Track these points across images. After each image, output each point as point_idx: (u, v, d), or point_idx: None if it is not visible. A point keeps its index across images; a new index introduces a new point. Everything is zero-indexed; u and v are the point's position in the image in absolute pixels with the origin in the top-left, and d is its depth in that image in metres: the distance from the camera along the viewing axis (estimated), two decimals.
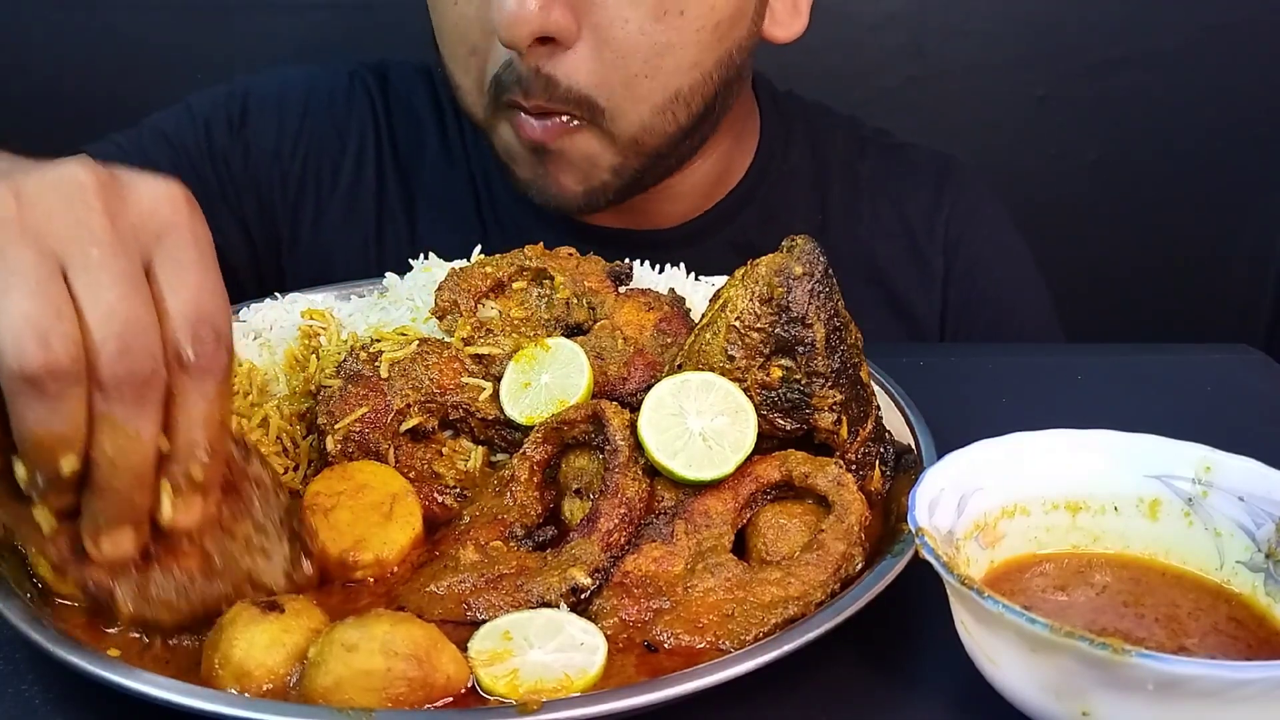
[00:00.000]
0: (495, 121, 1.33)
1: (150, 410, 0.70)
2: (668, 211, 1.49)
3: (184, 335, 0.71)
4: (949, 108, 2.24)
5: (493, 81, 1.28)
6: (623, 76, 1.25)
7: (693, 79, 1.29)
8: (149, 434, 0.71)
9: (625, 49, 1.23)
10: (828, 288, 0.94)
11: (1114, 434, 0.88)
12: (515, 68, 1.24)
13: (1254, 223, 2.35)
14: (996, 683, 0.76)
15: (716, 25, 1.27)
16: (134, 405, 0.69)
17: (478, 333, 1.06)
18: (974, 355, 1.40)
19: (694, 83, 1.29)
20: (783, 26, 1.40)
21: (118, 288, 0.69)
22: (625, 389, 1.02)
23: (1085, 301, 2.19)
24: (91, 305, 0.68)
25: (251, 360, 1.14)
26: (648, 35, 1.23)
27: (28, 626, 0.79)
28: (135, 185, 0.73)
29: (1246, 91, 2.24)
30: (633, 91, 1.26)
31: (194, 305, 0.72)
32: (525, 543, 0.93)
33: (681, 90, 1.29)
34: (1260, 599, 0.82)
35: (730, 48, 1.32)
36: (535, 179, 1.34)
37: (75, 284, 0.68)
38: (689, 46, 1.26)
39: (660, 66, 1.25)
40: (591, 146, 1.29)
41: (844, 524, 0.89)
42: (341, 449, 0.97)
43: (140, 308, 0.69)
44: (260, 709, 0.72)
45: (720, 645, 0.81)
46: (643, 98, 1.27)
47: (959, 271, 1.55)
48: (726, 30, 1.29)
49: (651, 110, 1.28)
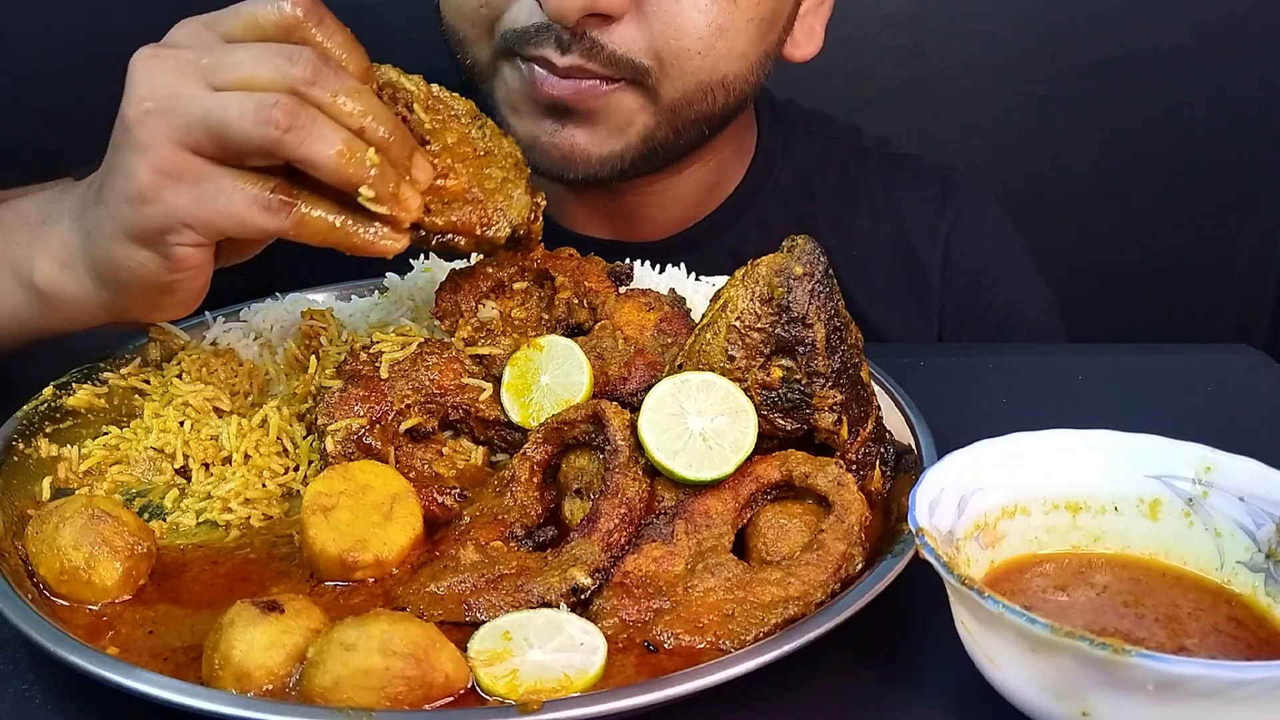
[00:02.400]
0: (498, 67, 1.30)
1: (348, 82, 0.95)
2: (659, 220, 1.48)
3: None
4: (949, 108, 2.24)
5: (506, 34, 1.25)
6: (675, 49, 1.25)
7: (738, 69, 1.30)
8: (365, 100, 0.95)
9: (679, 25, 1.24)
10: (828, 288, 0.94)
11: (1114, 434, 0.88)
12: (551, 27, 1.22)
13: (1255, 223, 2.35)
14: (996, 683, 0.76)
15: (761, 20, 1.29)
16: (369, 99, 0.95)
17: (478, 333, 1.06)
18: (974, 355, 1.40)
19: (739, 73, 1.31)
20: (799, 47, 1.43)
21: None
22: (625, 389, 1.02)
23: (1086, 301, 2.19)
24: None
25: (251, 360, 1.14)
26: (703, 14, 1.24)
27: (28, 626, 0.79)
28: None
29: (1246, 92, 2.24)
30: (683, 64, 1.26)
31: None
32: (525, 543, 0.93)
33: (728, 77, 1.30)
34: (1260, 599, 0.82)
35: (767, 49, 1.34)
36: (540, 135, 1.30)
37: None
38: (740, 34, 1.28)
39: (714, 47, 1.26)
40: (630, 105, 1.28)
41: (844, 524, 0.89)
42: (341, 449, 0.97)
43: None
44: (260, 709, 0.72)
45: (720, 645, 0.81)
46: (691, 72, 1.27)
47: (961, 284, 1.54)
48: (767, 29, 1.31)
49: (698, 87, 1.28)
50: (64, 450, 1.03)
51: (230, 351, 1.14)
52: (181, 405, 1.06)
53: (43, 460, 1.02)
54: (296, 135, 0.91)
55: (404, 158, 0.97)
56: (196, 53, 0.94)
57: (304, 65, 0.92)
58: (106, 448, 1.04)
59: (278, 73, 0.92)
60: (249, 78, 0.92)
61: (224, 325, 1.20)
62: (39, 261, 1.03)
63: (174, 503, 0.99)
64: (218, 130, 0.91)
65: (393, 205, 0.95)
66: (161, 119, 0.92)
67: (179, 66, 0.94)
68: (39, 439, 1.03)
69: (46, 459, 1.02)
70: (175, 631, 0.84)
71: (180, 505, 0.99)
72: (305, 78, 0.92)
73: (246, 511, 0.98)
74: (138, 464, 1.03)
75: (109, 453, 1.03)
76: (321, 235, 0.95)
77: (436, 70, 1.56)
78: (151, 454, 1.03)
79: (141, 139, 0.93)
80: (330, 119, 0.92)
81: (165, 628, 0.84)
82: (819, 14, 1.44)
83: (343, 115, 0.93)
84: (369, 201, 0.94)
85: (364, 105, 0.94)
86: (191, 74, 0.93)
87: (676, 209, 1.48)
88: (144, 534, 0.89)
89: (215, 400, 1.08)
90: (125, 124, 0.94)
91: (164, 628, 0.84)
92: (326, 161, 0.92)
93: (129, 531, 0.88)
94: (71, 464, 1.02)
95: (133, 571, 0.87)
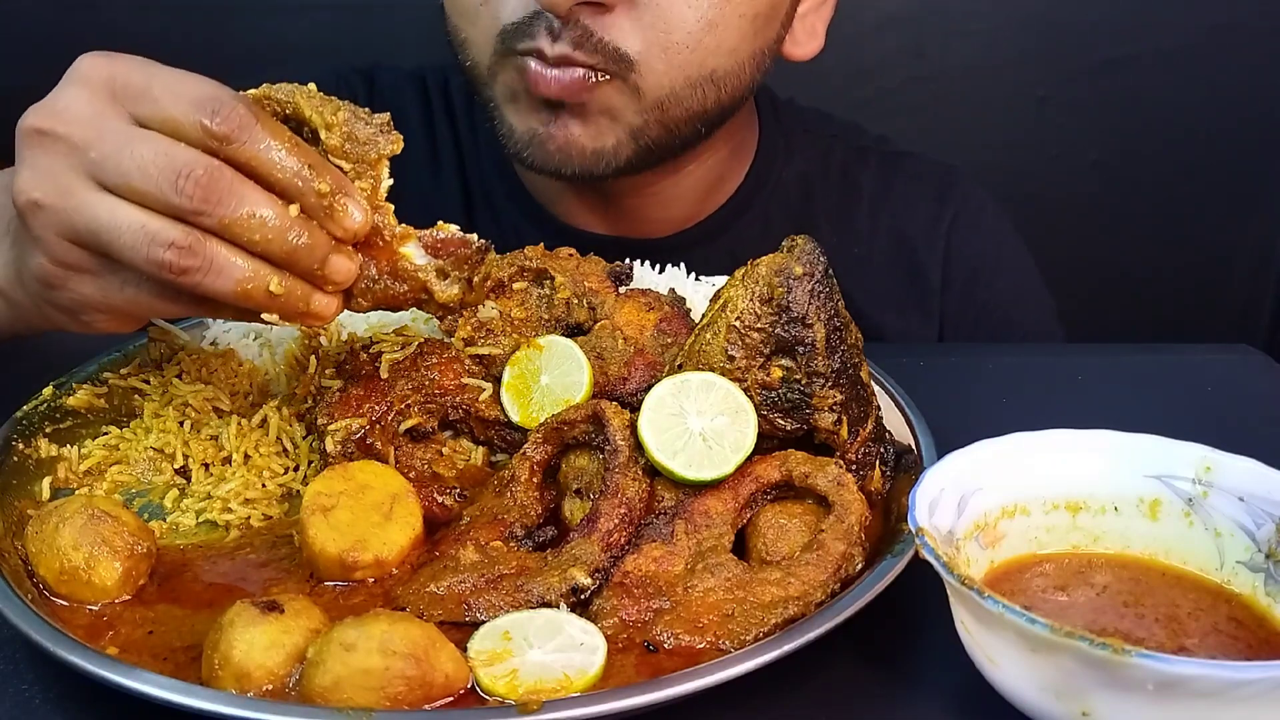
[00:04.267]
0: (499, 68, 1.29)
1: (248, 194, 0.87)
2: (660, 218, 1.48)
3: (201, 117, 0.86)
4: (950, 108, 2.24)
5: (504, 32, 1.25)
6: (664, 42, 1.24)
7: (729, 65, 1.29)
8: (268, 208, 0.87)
9: (670, 17, 1.23)
10: (828, 288, 0.94)
11: (1114, 434, 0.88)
12: (543, 16, 1.21)
13: (1255, 223, 2.35)
14: (996, 683, 0.76)
15: (756, 16, 1.28)
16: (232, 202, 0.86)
17: (478, 333, 1.06)
18: (974, 355, 1.40)
19: (729, 69, 1.30)
20: (800, 46, 1.42)
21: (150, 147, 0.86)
22: (625, 389, 1.02)
23: (1086, 301, 2.19)
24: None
25: (251, 360, 1.14)
26: (694, 8, 1.23)
27: (28, 626, 0.79)
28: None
29: (1247, 91, 2.24)
30: (670, 58, 1.25)
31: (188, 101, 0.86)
32: (525, 543, 0.93)
33: (717, 72, 1.29)
34: (1260, 599, 0.82)
35: (762, 46, 1.33)
36: (537, 127, 1.29)
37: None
38: (731, 29, 1.26)
39: (703, 42, 1.25)
40: (615, 100, 1.27)
41: (844, 524, 0.89)
42: (341, 449, 0.97)
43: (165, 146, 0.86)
44: (260, 709, 0.72)
45: (720, 645, 0.81)
46: (678, 66, 1.26)
47: (959, 283, 1.54)
48: (762, 25, 1.30)
49: (685, 81, 1.27)
50: (64, 450, 1.03)
51: (230, 351, 1.14)
52: (181, 405, 1.06)
53: (43, 460, 1.02)
54: (191, 277, 0.86)
55: (314, 266, 0.90)
56: (88, 137, 0.86)
57: (202, 184, 0.84)
58: (106, 448, 1.04)
59: (170, 196, 0.84)
60: (135, 190, 0.85)
61: (224, 325, 1.20)
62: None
63: (174, 503, 0.99)
64: (109, 246, 0.87)
65: (304, 320, 0.92)
66: (50, 216, 0.87)
67: (65, 155, 0.87)
68: (39, 439, 1.03)
69: (46, 459, 1.02)
70: (175, 631, 0.84)
71: (180, 505, 0.99)
72: (201, 200, 0.85)
73: (246, 511, 0.98)
74: (138, 464, 1.03)
75: (109, 453, 1.03)
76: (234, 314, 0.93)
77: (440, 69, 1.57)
78: (151, 454, 1.03)
79: (35, 231, 0.88)
80: (229, 245, 0.86)
81: (165, 628, 0.84)
82: (820, 13, 1.43)
83: (245, 234, 0.86)
84: (277, 323, 0.91)
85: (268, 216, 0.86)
86: (79, 168, 0.87)
87: (676, 208, 1.48)
88: (144, 534, 0.89)
89: (215, 400, 1.08)
90: (16, 208, 0.89)
91: (164, 628, 0.84)
92: (227, 297, 0.88)
93: (129, 531, 0.88)
94: (71, 464, 1.02)
95: (133, 571, 0.87)
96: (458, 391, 1.02)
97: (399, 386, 1.00)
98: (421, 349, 1.03)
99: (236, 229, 0.86)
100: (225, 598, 0.85)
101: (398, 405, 1.00)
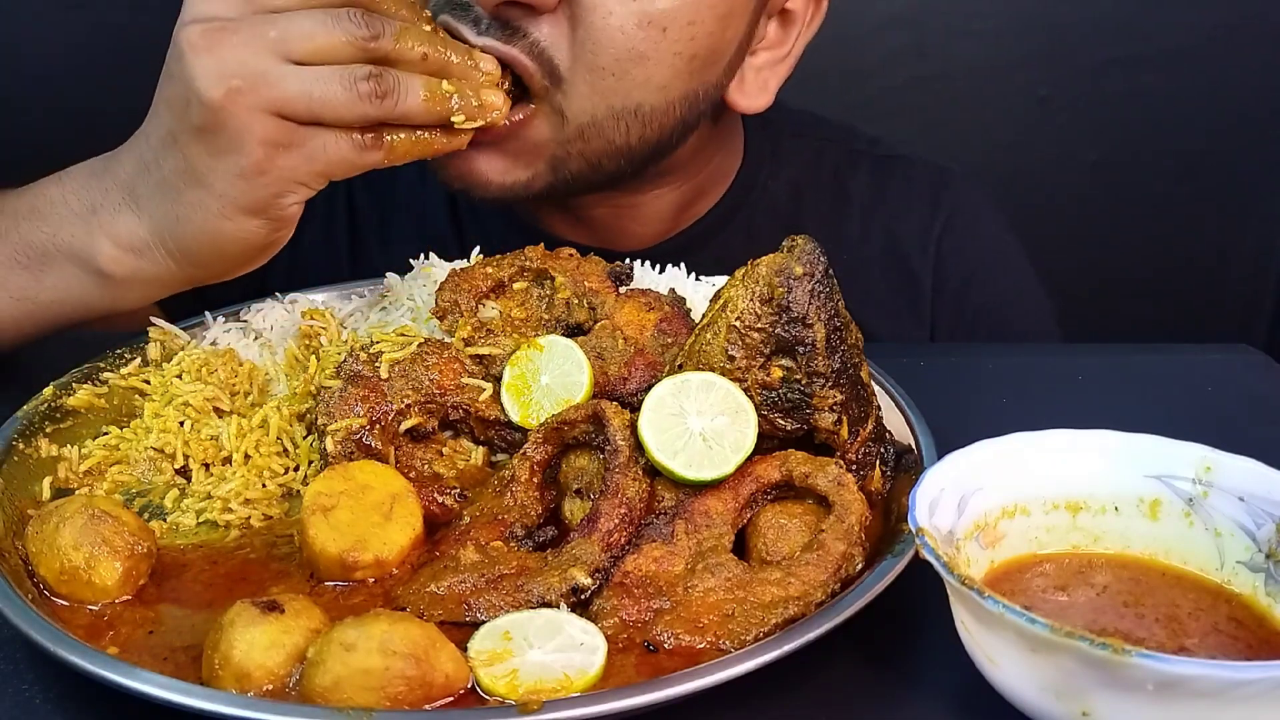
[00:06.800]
0: None
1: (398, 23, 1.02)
2: (635, 233, 1.44)
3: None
4: (950, 108, 2.24)
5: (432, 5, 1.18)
6: (590, 63, 1.18)
7: (656, 101, 1.23)
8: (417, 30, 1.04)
9: (600, 40, 1.17)
10: (828, 288, 0.94)
11: (1114, 434, 0.88)
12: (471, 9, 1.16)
13: (1255, 223, 2.36)
14: (996, 683, 0.76)
15: (692, 57, 1.22)
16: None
17: (478, 333, 1.06)
18: (974, 355, 1.40)
19: (656, 106, 1.23)
20: (749, 98, 1.35)
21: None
22: (625, 389, 1.02)
23: (1085, 301, 2.20)
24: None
25: (251, 360, 1.14)
26: (626, 36, 1.17)
27: (28, 626, 0.79)
28: None
29: (1247, 92, 2.24)
30: (595, 82, 1.19)
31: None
32: (525, 543, 0.93)
33: (643, 107, 1.23)
34: (1260, 599, 0.82)
35: (698, 88, 1.26)
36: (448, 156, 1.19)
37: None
38: (663, 66, 1.21)
39: (629, 72, 1.19)
40: (541, 133, 1.21)
41: (844, 524, 0.89)
42: (341, 449, 0.97)
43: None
44: (260, 709, 0.72)
45: (720, 645, 0.81)
46: (602, 93, 1.20)
47: (953, 287, 1.52)
48: (699, 68, 1.24)
49: (608, 111, 1.21)
50: (64, 450, 1.03)
51: (230, 351, 1.14)
52: (181, 405, 1.06)
53: (43, 460, 1.02)
54: (390, 100, 0.99)
55: (470, 69, 1.05)
56: (256, 26, 0.98)
57: (362, 23, 0.99)
58: (106, 448, 1.04)
59: (348, 38, 0.98)
60: (320, 49, 0.98)
61: (224, 325, 1.20)
62: (104, 250, 1.06)
63: (174, 503, 0.99)
64: (314, 107, 0.98)
65: (482, 116, 1.05)
66: (254, 96, 0.97)
67: (247, 42, 0.97)
68: (39, 439, 1.03)
69: (46, 459, 1.02)
70: (175, 631, 0.84)
71: (180, 505, 0.99)
72: (369, 34, 0.99)
73: (246, 511, 0.98)
74: (138, 464, 1.03)
75: (109, 453, 1.03)
76: (408, 153, 1.04)
77: None
78: (151, 454, 1.03)
79: (241, 117, 0.97)
80: (404, 69, 1.00)
81: (165, 628, 0.84)
82: (776, 70, 1.36)
83: (412, 59, 1.01)
84: (464, 124, 1.04)
85: (420, 40, 1.02)
86: (264, 49, 0.97)
87: (652, 224, 1.45)
88: (144, 534, 0.89)
89: (215, 400, 1.07)
90: (210, 104, 0.97)
91: (164, 628, 0.84)
92: (419, 111, 1.01)
93: (129, 531, 0.88)
94: (71, 464, 1.02)
95: (133, 571, 0.87)
96: (458, 391, 1.02)
97: (399, 386, 1.00)
98: (421, 349, 1.03)
99: (401, 52, 1.01)
100: (225, 598, 0.85)
101: (398, 405, 1.00)
